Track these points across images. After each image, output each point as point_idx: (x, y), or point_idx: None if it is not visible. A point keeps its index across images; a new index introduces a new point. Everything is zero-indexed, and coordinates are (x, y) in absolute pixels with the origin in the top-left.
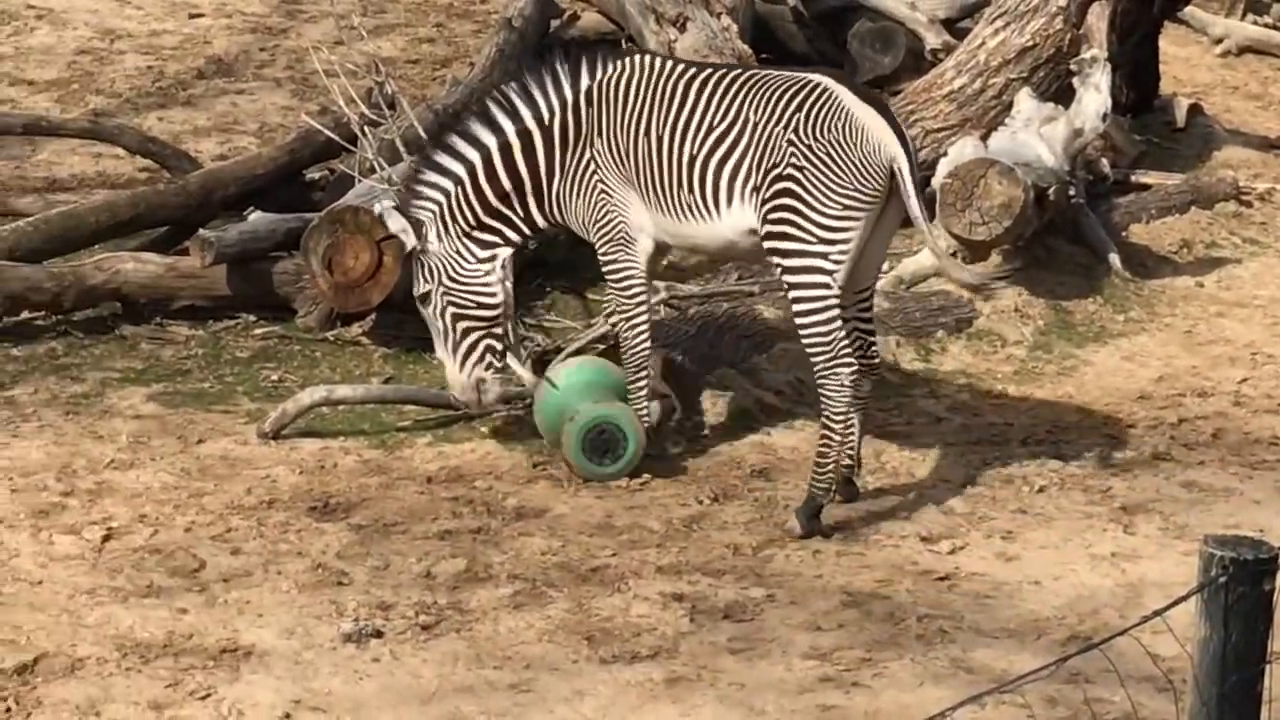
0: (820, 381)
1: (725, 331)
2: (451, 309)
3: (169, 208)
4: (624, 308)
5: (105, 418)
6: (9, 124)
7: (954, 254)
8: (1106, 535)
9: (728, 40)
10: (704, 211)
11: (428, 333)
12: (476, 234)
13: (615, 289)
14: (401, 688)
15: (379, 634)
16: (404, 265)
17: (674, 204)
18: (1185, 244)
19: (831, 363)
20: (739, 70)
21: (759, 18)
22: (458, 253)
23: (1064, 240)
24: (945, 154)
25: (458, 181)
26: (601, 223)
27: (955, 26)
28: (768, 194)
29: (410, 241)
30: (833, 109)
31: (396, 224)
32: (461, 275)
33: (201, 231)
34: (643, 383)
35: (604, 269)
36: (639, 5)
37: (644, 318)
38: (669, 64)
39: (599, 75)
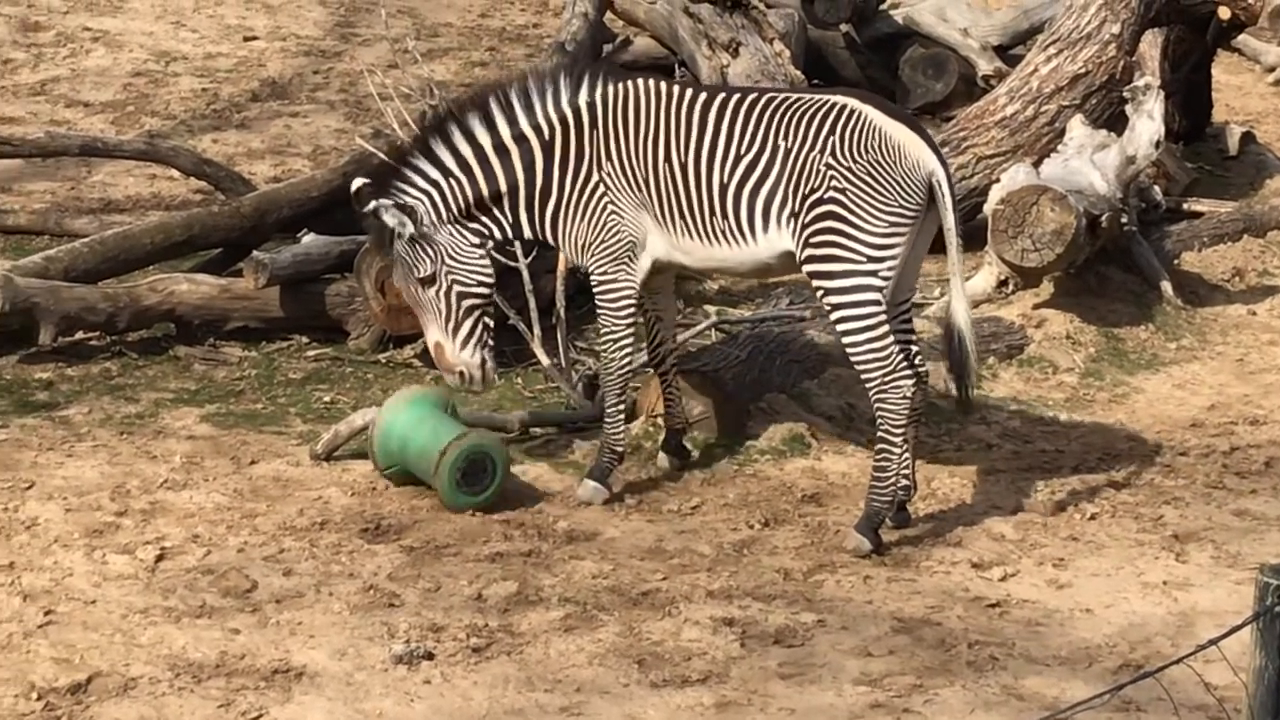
0: (879, 398)
1: (776, 356)
2: (457, 287)
3: (223, 229)
4: (613, 328)
5: (159, 438)
6: (65, 145)
7: (1004, 280)
8: (1158, 563)
9: (780, 66)
10: (738, 237)
11: None
12: (468, 223)
13: (607, 308)
14: (452, 710)
15: (430, 656)
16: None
17: (703, 230)
18: (1237, 272)
19: (890, 378)
20: (757, 94)
21: (811, 44)
22: (456, 234)
23: (1116, 268)
24: (997, 180)
25: (448, 174)
26: (607, 242)
27: (1007, 53)
28: (808, 219)
29: (409, 229)
30: (866, 129)
31: (393, 219)
32: (462, 254)
33: (255, 253)
34: (621, 405)
35: (598, 287)
36: (691, 30)
37: (630, 338)
38: (678, 89)
39: (599, 93)
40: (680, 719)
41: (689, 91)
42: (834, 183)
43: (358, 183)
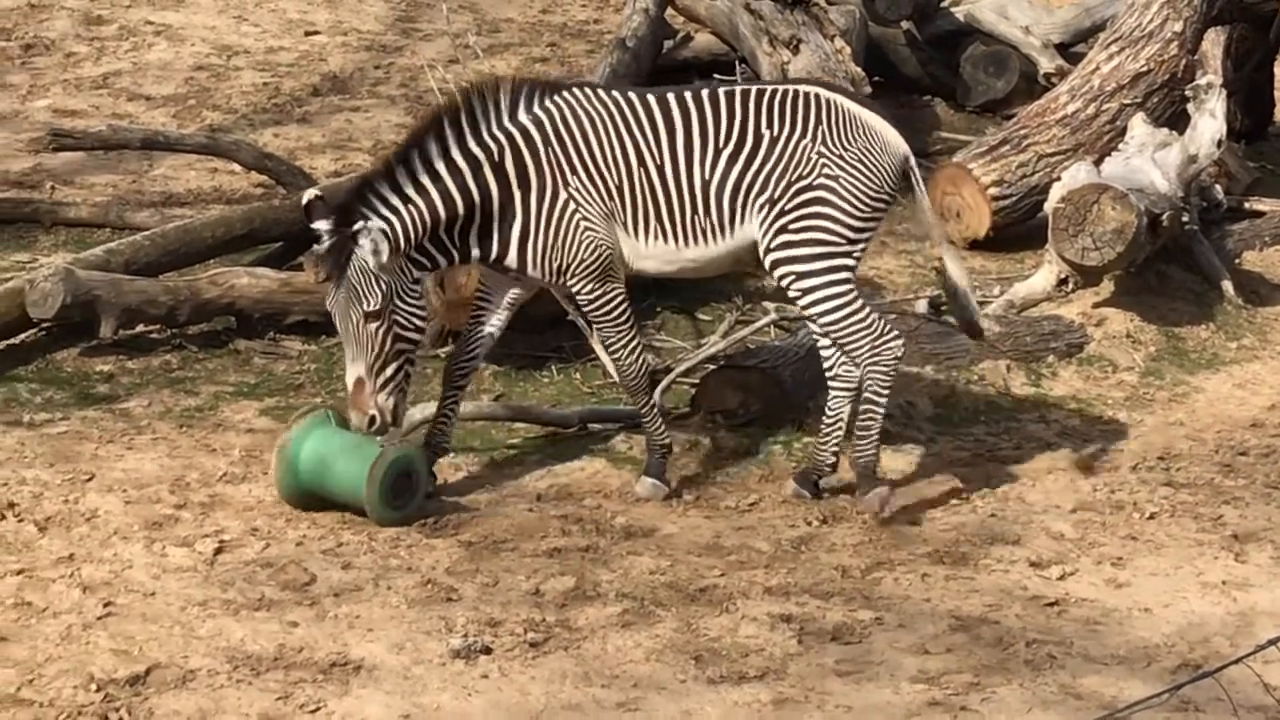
0: (873, 365)
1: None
2: (396, 329)
3: (284, 223)
4: (621, 340)
5: (218, 431)
6: (127, 139)
7: (1064, 279)
8: (1217, 563)
9: (840, 63)
10: (716, 233)
11: (538, 350)
12: (414, 254)
13: (609, 324)
14: (509, 704)
15: (488, 650)
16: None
17: (680, 230)
18: None
19: (879, 342)
20: (723, 89)
21: (872, 41)
22: (404, 270)
23: (1177, 266)
24: (1058, 178)
25: (407, 201)
26: (588, 260)
27: (1069, 51)
28: (789, 205)
29: (381, 259)
30: (848, 117)
31: (370, 245)
32: (407, 295)
33: (315, 247)
34: (651, 402)
35: (593, 307)
36: (752, 27)
37: (639, 343)
38: (629, 93)
39: (542, 107)
40: (737, 715)
41: (643, 94)
42: (825, 170)
43: (310, 194)
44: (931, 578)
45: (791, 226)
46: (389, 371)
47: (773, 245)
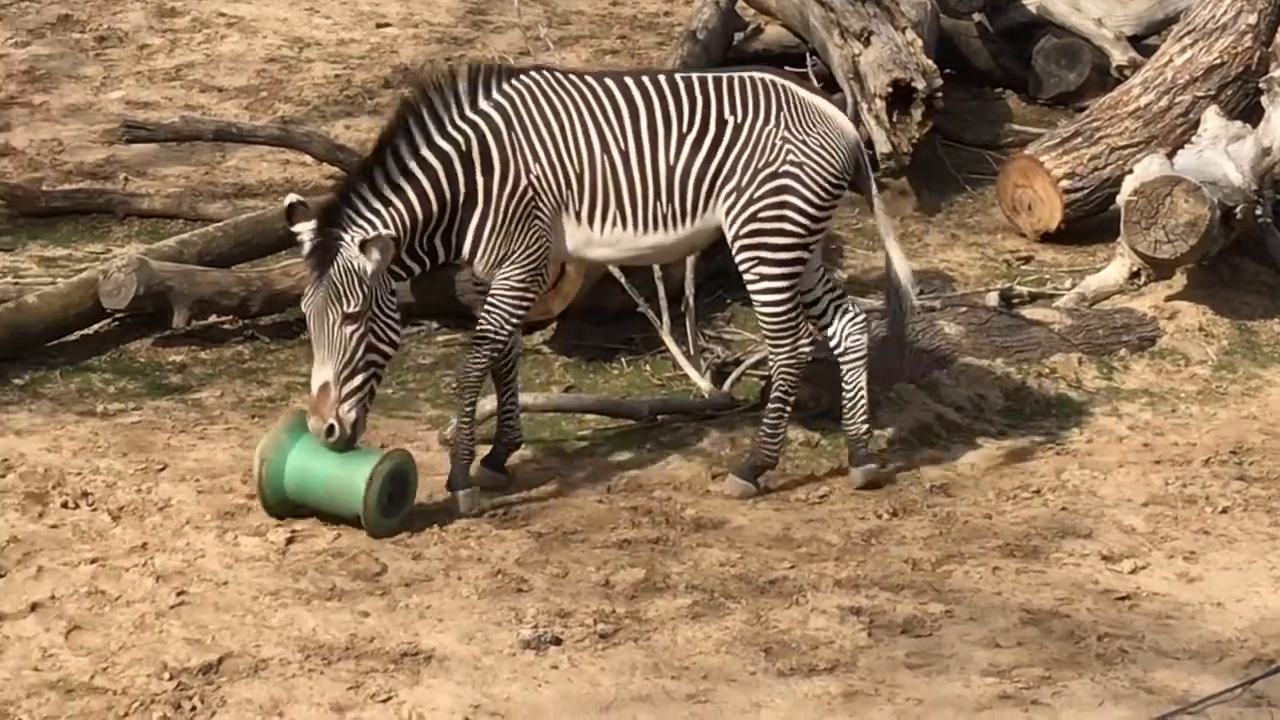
0: (786, 363)
1: (905, 346)
2: (370, 338)
3: None
4: (495, 331)
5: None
6: (200, 130)
7: (1136, 272)
8: None
9: (912, 55)
10: (677, 219)
11: (609, 342)
12: (392, 265)
13: (499, 312)
14: (579, 695)
15: (558, 641)
16: (586, 276)
17: (641, 217)
18: None
19: (798, 344)
20: (680, 75)
21: (943, 33)
22: (385, 279)
23: (1250, 260)
24: (1131, 171)
25: (387, 203)
26: (529, 251)
27: (1141, 43)
28: (756, 193)
29: (373, 265)
30: (807, 104)
31: (371, 251)
32: (385, 305)
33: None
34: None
35: (502, 293)
36: (823, 19)
37: (503, 347)
38: (586, 77)
39: (503, 92)
40: (807, 708)
41: (601, 77)
42: (790, 156)
43: (291, 198)
44: (1002, 571)
45: (761, 214)
46: (356, 381)
47: (742, 233)
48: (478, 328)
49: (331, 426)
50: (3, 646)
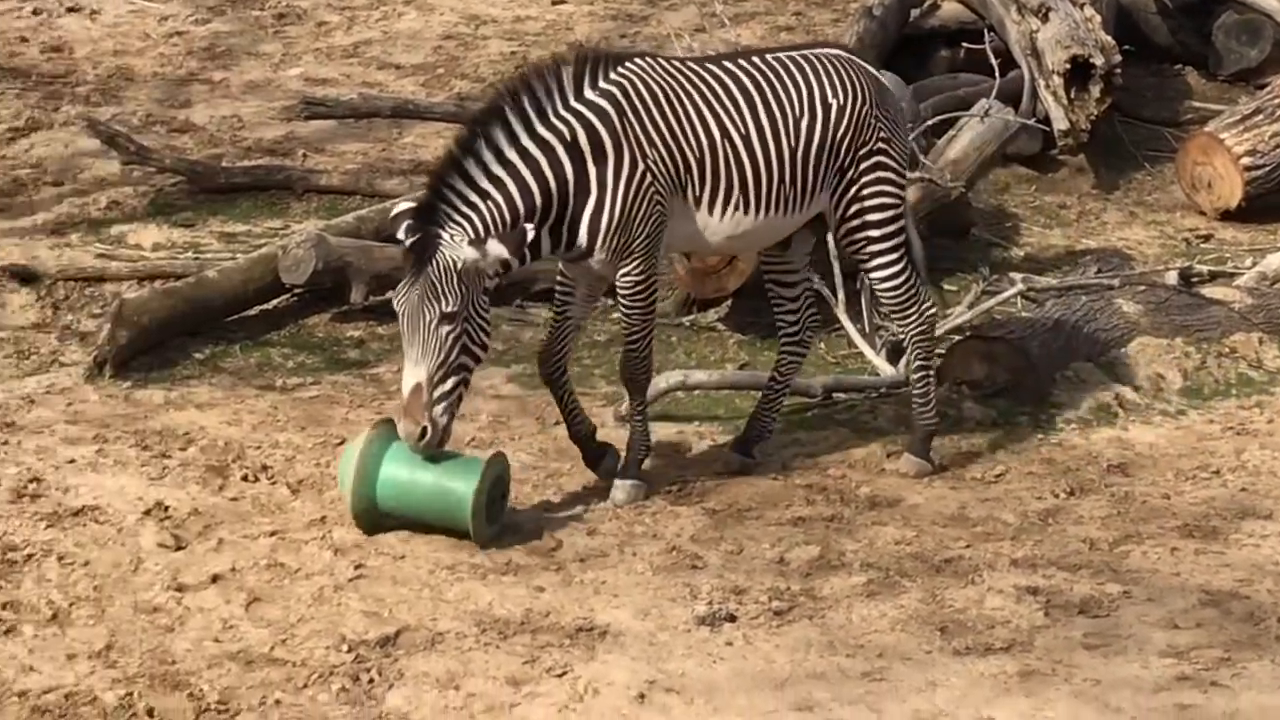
0: (922, 333)
1: (1083, 324)
2: (465, 339)
3: None
4: (644, 329)
5: (466, 398)
6: (377, 107)
7: None
8: None
9: (1090, 31)
10: (796, 202)
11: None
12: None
13: (641, 309)
14: (754, 672)
15: (732, 618)
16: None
17: (763, 201)
18: None
19: (921, 305)
20: (774, 55)
21: (1122, 9)
22: (478, 278)
23: None
24: None
25: (485, 196)
26: (651, 238)
27: None
28: (857, 172)
29: (485, 264)
30: (880, 80)
31: (492, 252)
32: (480, 306)
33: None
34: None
35: (633, 289)
36: None
37: (651, 336)
38: (690, 63)
39: (613, 79)
40: (982, 687)
41: (704, 64)
42: (880, 133)
43: (400, 206)
44: (1181, 551)
45: (863, 194)
46: (448, 385)
47: (848, 214)
48: (625, 335)
49: (424, 430)
50: (184, 618)
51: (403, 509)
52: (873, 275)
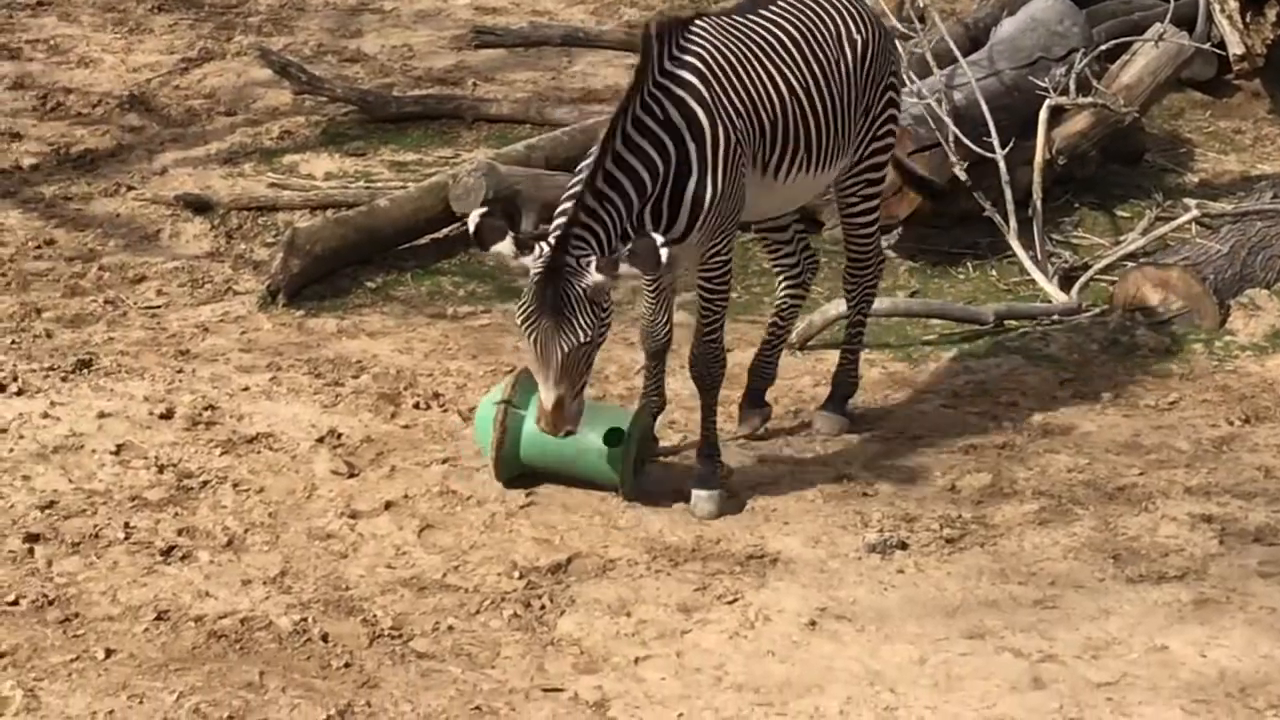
0: (874, 285)
1: (1259, 251)
2: (591, 347)
3: None
4: (720, 310)
5: (636, 325)
6: (547, 36)
7: None
8: None
9: None
10: (843, 152)
11: (954, 247)
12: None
13: (719, 289)
14: (926, 600)
15: (903, 546)
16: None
17: (820, 157)
18: None
19: (882, 263)
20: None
21: None
22: (608, 295)
23: None
24: None
25: (602, 199)
26: (734, 217)
27: None
28: (877, 108)
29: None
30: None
31: (580, 279)
32: (604, 308)
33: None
34: (715, 400)
35: (721, 271)
36: None
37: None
38: (735, 16)
39: (690, 45)
40: (1156, 615)
41: (744, 14)
42: (892, 67)
43: (476, 215)
44: None
45: (880, 130)
46: (579, 387)
47: (867, 152)
48: (703, 321)
49: (569, 431)
50: (357, 545)
51: (546, 466)
52: (856, 219)
